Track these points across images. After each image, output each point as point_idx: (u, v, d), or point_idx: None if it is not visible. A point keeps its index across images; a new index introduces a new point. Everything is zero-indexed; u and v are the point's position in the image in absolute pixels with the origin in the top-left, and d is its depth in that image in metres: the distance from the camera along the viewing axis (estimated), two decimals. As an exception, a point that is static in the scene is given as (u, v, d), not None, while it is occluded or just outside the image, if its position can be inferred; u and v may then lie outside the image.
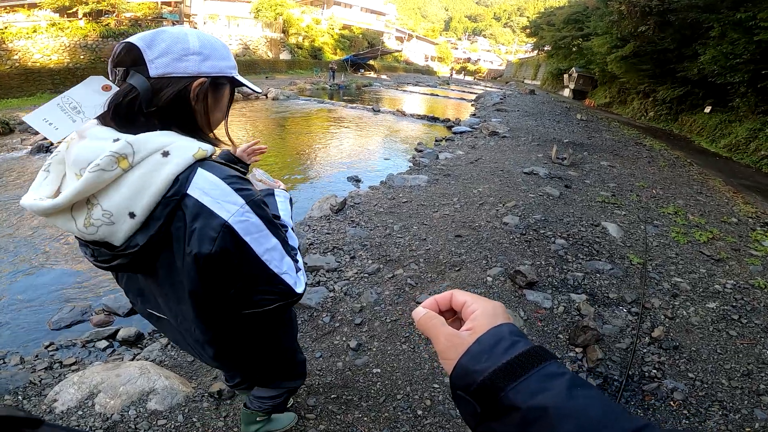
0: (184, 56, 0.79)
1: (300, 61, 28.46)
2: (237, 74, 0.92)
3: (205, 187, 0.75)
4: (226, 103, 0.92)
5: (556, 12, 28.55)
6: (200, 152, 0.77)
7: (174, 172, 0.73)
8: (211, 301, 0.86)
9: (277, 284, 0.86)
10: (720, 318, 2.84)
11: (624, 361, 2.37)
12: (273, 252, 0.84)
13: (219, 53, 0.85)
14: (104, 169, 0.70)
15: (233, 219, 0.76)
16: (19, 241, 4.12)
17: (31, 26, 14.05)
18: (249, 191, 0.80)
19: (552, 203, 4.84)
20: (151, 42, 0.77)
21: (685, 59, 12.12)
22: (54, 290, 3.37)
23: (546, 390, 0.36)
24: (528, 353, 0.39)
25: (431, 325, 0.45)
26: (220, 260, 0.77)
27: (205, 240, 0.75)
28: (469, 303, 0.45)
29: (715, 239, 4.28)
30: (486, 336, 0.41)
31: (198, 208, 0.74)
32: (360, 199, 4.89)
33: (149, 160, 0.73)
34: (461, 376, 0.40)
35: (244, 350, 1.15)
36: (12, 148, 7.49)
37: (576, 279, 3.19)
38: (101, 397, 1.89)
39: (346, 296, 2.88)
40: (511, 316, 0.44)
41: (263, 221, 0.82)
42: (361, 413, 1.93)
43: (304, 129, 11.45)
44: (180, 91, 0.79)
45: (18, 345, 2.72)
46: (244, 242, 0.78)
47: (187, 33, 0.82)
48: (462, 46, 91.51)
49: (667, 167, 7.76)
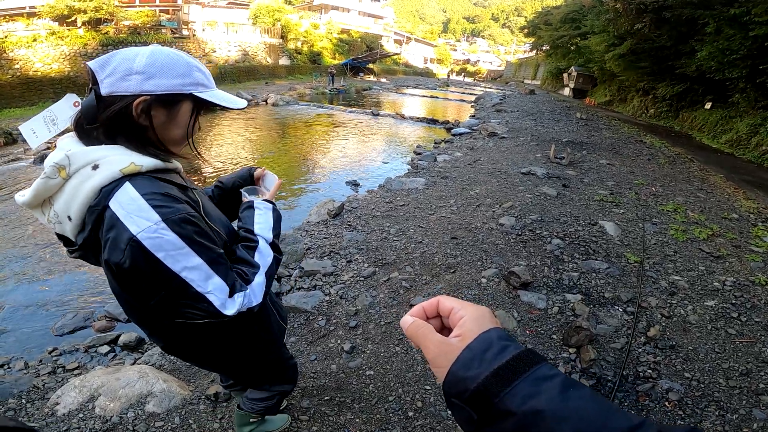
0: (126, 76, 0.83)
1: (299, 66, 28.60)
2: (203, 91, 0.91)
3: (122, 200, 0.80)
4: (185, 120, 0.92)
5: (553, 11, 28.50)
6: (131, 167, 0.83)
7: (98, 185, 0.80)
8: (135, 305, 0.94)
9: (201, 302, 0.86)
10: (719, 316, 2.80)
11: (618, 362, 2.34)
12: (194, 271, 0.84)
13: (171, 71, 0.86)
14: (49, 177, 0.82)
15: (142, 234, 0.78)
16: (23, 250, 4.19)
17: (31, 35, 14.17)
18: (170, 209, 0.82)
19: (549, 203, 4.85)
20: (104, 64, 0.84)
21: (682, 56, 12.09)
22: (57, 297, 3.44)
23: (539, 393, 0.36)
24: (518, 357, 0.39)
25: (420, 333, 0.45)
26: (132, 271, 0.81)
27: (115, 250, 0.80)
28: (456, 309, 0.45)
29: (715, 236, 4.24)
30: (476, 342, 0.41)
31: (113, 220, 0.79)
32: (358, 203, 4.92)
33: (82, 172, 0.81)
34: (454, 384, 0.40)
35: (204, 351, 1.18)
36: (16, 158, 7.59)
37: (571, 279, 3.19)
38: (101, 400, 1.94)
39: (341, 300, 2.90)
40: (498, 321, 0.46)
41: (184, 239, 0.82)
42: (353, 415, 1.95)
43: (304, 134, 11.52)
44: (122, 108, 0.83)
45: (22, 350, 2.79)
46: (155, 258, 0.80)
47: (138, 53, 0.85)
48: (461, 47, 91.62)
49: (667, 164, 7.74)
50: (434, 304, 0.48)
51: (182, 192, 0.92)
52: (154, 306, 0.88)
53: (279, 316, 1.37)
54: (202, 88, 0.92)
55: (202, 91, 0.91)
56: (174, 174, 0.95)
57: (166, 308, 0.88)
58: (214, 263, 0.88)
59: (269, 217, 1.12)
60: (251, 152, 9.25)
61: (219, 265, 0.89)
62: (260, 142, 10.29)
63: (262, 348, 1.30)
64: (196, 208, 0.92)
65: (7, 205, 5.36)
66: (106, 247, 0.80)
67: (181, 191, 0.91)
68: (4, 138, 8.71)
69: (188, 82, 0.89)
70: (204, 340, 1.11)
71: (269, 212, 1.13)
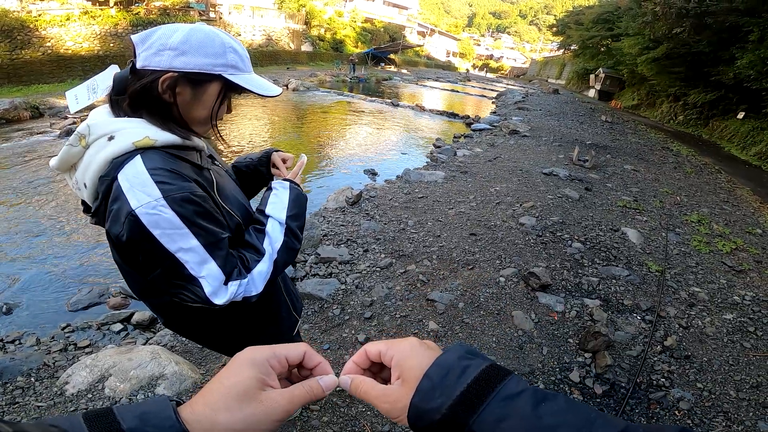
0: (160, 51, 0.82)
1: (321, 53, 28.49)
2: (234, 74, 0.88)
3: (129, 173, 0.79)
4: (211, 101, 0.89)
5: (585, 11, 27.72)
6: (144, 141, 0.82)
7: (111, 155, 0.80)
8: (136, 277, 0.93)
9: (194, 286, 0.84)
10: (736, 329, 2.80)
11: (633, 369, 2.34)
12: (189, 253, 0.82)
13: (203, 50, 0.83)
14: (72, 145, 0.83)
15: (141, 209, 0.77)
16: (42, 222, 4.26)
17: (65, 14, 14.35)
18: (173, 185, 0.80)
19: (571, 206, 4.74)
20: (145, 38, 0.83)
21: (720, 63, 11.63)
22: (74, 270, 3.46)
23: (510, 415, 0.34)
24: (481, 377, 0.37)
25: (362, 391, 0.43)
26: (130, 245, 0.81)
27: (115, 222, 0.79)
28: (383, 352, 0.43)
29: (739, 250, 4.15)
30: (433, 368, 0.38)
31: (117, 191, 0.79)
32: (376, 192, 4.89)
33: (99, 142, 0.82)
34: (418, 418, 0.37)
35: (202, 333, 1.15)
36: (42, 131, 7.75)
37: (591, 284, 3.13)
38: (112, 380, 1.92)
39: (357, 289, 2.89)
40: (434, 344, 0.43)
41: (182, 219, 0.80)
42: (365, 407, 1.94)
43: (323, 120, 11.50)
44: (149, 83, 0.83)
45: (35, 326, 2.78)
46: (151, 234, 0.78)
47: (177, 30, 0.83)
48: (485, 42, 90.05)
49: (693, 173, 7.50)
50: (363, 355, 0.45)
51: (197, 171, 0.89)
52: (151, 281, 0.87)
53: (293, 307, 1.30)
54: (234, 70, 0.88)
55: (233, 73, 0.88)
56: (193, 152, 0.92)
57: (163, 285, 0.86)
58: (212, 247, 0.84)
59: (285, 197, 1.04)
60: (270, 135, 9.27)
61: (217, 250, 0.85)
62: (280, 125, 10.32)
63: (268, 339, 1.24)
64: (206, 188, 0.88)
65: (31, 177, 5.48)
66: (109, 217, 0.81)
67: (195, 170, 0.89)
68: (31, 112, 8.89)
69: (219, 63, 0.85)
70: (200, 322, 1.07)
71: (285, 191, 1.06)
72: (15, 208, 4.54)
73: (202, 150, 0.96)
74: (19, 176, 5.41)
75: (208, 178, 0.92)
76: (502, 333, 2.52)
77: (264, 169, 1.25)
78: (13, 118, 8.48)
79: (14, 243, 3.83)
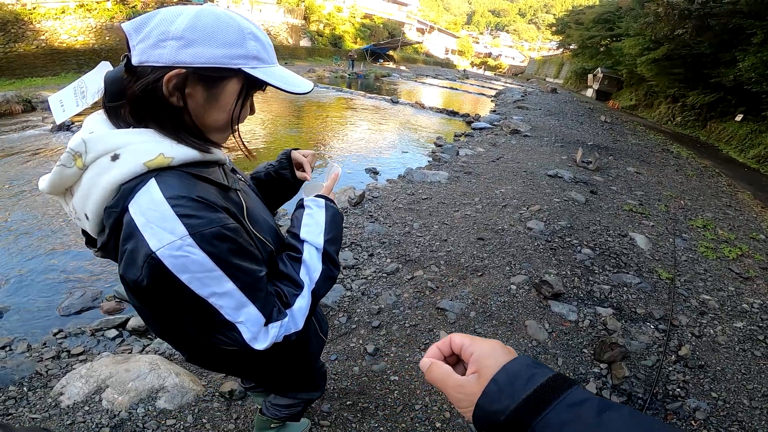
0: (161, 42, 0.64)
1: (320, 48, 28.22)
2: (256, 66, 0.71)
3: (144, 204, 0.63)
4: (230, 102, 0.72)
5: (586, 11, 27.70)
6: (158, 159, 0.65)
7: (117, 181, 0.64)
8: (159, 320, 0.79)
9: (230, 331, 0.72)
10: (746, 338, 2.78)
11: (649, 379, 2.30)
12: (225, 298, 0.69)
13: (216, 39, 0.66)
14: (64, 165, 0.66)
15: (163, 252, 0.62)
16: (33, 221, 4.10)
17: (60, 7, 14.05)
18: (201, 220, 0.64)
19: (578, 209, 4.67)
20: (140, 25, 0.66)
21: (721, 65, 11.63)
22: (66, 272, 3.31)
23: (574, 420, 0.35)
24: (547, 384, 0.38)
25: (438, 378, 0.45)
26: (151, 291, 0.66)
27: (131, 266, 0.64)
28: (466, 346, 0.45)
29: (744, 256, 4.12)
30: (501, 374, 0.40)
31: (131, 228, 0.63)
32: (378, 192, 4.78)
33: (99, 162, 0.65)
34: (483, 419, 0.39)
35: (231, 366, 1.05)
36: (34, 126, 7.55)
37: (602, 292, 3.05)
38: (109, 392, 1.83)
39: (363, 296, 2.79)
40: (512, 350, 0.44)
41: (214, 260, 0.66)
42: (377, 422, 1.85)
43: (322, 117, 11.34)
44: (151, 83, 0.65)
45: (26, 331, 2.65)
46: (177, 280, 0.64)
47: (181, 13, 0.66)
48: (483, 40, 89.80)
49: (695, 177, 7.47)
50: (447, 342, 0.48)
51: (223, 193, 0.74)
52: (178, 325, 0.75)
53: (320, 329, 1.21)
54: (256, 62, 0.71)
55: (256, 66, 0.71)
56: (215, 168, 0.76)
57: (192, 330, 0.74)
58: (250, 289, 0.72)
59: (321, 218, 0.91)
60: (266, 132, 9.09)
61: (256, 291, 0.73)
62: (277, 122, 10.15)
63: (294, 363, 1.16)
64: (237, 216, 0.74)
65: (19, 172, 5.32)
66: (123, 260, 0.65)
67: (221, 192, 0.73)
68: (23, 105, 8.70)
69: (238, 54, 0.68)
70: (232, 359, 0.97)
71: (321, 211, 0.92)
72: (2, 205, 4.38)
73: (224, 163, 0.81)
74: (7, 172, 5.24)
75: (236, 201, 0.77)
76: (515, 344, 2.44)
77: (286, 173, 1.11)
78: (5, 111, 8.28)
79: (2, 242, 3.68)
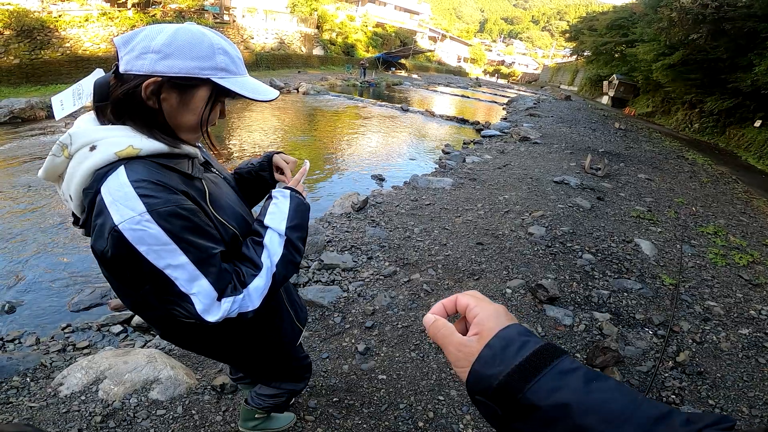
0: (142, 54, 0.77)
1: (332, 57, 28.64)
2: (224, 77, 0.83)
3: (112, 186, 0.75)
4: (199, 107, 0.84)
5: (599, 17, 27.41)
6: (128, 150, 0.78)
7: (93, 167, 0.77)
8: (126, 291, 0.89)
9: (185, 303, 0.81)
10: (751, 345, 2.72)
11: (642, 385, 2.27)
12: (179, 270, 0.78)
13: (188, 53, 0.78)
14: (54, 155, 0.80)
15: (124, 225, 0.73)
16: (47, 222, 4.28)
17: (84, 15, 14.67)
18: (158, 199, 0.75)
19: (582, 216, 4.63)
20: (128, 40, 0.79)
21: (738, 69, 11.38)
22: (78, 270, 3.46)
23: (563, 387, 0.36)
24: (539, 352, 0.39)
25: (441, 334, 0.46)
26: (116, 261, 0.77)
27: (99, 238, 0.76)
28: (471, 306, 0.46)
29: (756, 263, 4.02)
30: (495, 339, 0.41)
31: (101, 205, 0.75)
32: (382, 198, 4.83)
33: (81, 152, 0.78)
34: (477, 382, 0.41)
35: (201, 345, 1.12)
36: (54, 131, 7.89)
37: (601, 297, 3.02)
38: (106, 383, 1.90)
39: (359, 297, 2.83)
40: (515, 317, 0.45)
41: (169, 234, 0.76)
42: (361, 420, 1.87)
43: (333, 124, 11.50)
44: (131, 88, 0.79)
45: (36, 325, 2.78)
46: (136, 251, 0.75)
47: (162, 31, 0.79)
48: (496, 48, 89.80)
49: (709, 183, 7.31)
50: (453, 301, 0.49)
51: (186, 181, 0.85)
52: (142, 296, 0.84)
53: (296, 318, 1.27)
54: (224, 73, 0.83)
55: (224, 77, 0.83)
56: (183, 160, 0.87)
57: (154, 301, 0.83)
58: (203, 263, 0.80)
59: (285, 207, 0.99)
60: (278, 138, 9.29)
61: (209, 266, 0.81)
62: (289, 129, 10.34)
63: (269, 349, 1.22)
64: (198, 200, 0.84)
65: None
66: (93, 233, 0.77)
67: (184, 180, 0.84)
68: (47, 111, 9.06)
69: (207, 66, 0.80)
70: (197, 334, 1.04)
71: (286, 200, 1.00)
72: (25, 205, 4.58)
73: (195, 157, 0.91)
74: (31, 174, 5.49)
75: (199, 188, 0.88)
76: (507, 347, 2.43)
77: (266, 174, 1.20)
78: (29, 117, 8.66)
79: (23, 239, 3.86)
